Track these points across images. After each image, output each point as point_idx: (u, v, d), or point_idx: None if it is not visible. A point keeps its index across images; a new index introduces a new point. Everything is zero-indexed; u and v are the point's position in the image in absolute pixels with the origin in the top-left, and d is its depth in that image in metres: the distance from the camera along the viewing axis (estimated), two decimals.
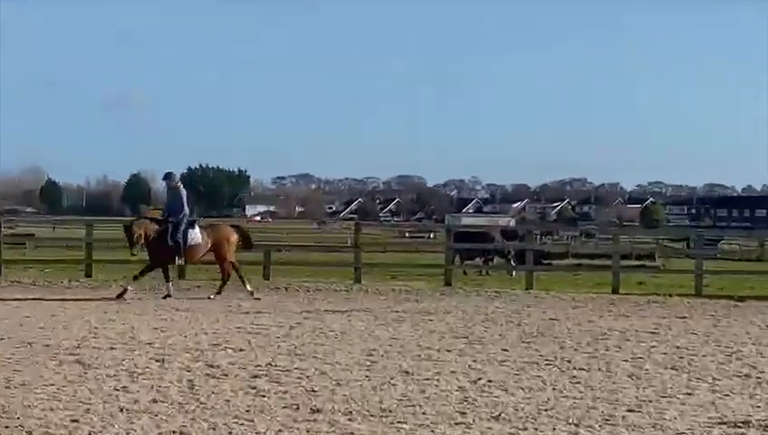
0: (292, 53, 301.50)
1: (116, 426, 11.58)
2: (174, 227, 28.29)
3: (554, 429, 12.00)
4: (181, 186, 29.50)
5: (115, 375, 15.10)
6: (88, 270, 34.67)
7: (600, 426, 12.25)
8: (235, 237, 30.43)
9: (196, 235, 28.92)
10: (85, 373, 15.25)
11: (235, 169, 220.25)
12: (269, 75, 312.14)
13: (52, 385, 14.14)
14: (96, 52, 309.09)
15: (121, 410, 12.49)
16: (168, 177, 29.93)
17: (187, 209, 28.95)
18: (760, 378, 16.29)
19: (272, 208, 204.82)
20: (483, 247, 44.82)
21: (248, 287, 29.14)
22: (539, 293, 32.63)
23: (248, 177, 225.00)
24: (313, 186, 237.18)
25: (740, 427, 12.41)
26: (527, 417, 12.64)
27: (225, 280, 29.51)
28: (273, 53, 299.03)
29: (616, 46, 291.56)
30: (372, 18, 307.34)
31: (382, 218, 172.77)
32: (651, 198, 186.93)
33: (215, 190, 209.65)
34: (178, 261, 29.39)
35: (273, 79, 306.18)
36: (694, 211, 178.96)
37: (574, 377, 15.87)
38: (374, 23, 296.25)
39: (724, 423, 12.60)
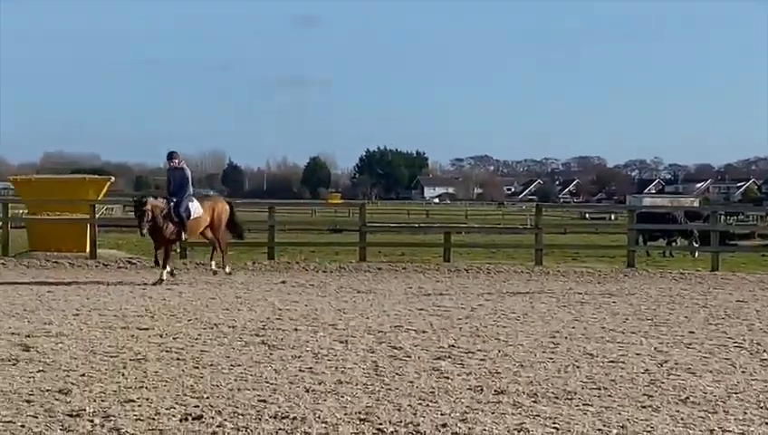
0: (466, 32, 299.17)
1: (302, 406, 11.68)
2: (176, 204, 27.32)
3: (745, 413, 11.80)
4: (185, 165, 28.36)
5: (300, 356, 15.25)
6: (270, 253, 35.03)
7: None
8: (228, 211, 30.03)
9: (196, 208, 28.11)
10: (270, 354, 15.43)
11: (414, 152, 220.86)
12: (443, 55, 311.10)
13: (239, 365, 14.33)
14: (275, 34, 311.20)
15: (307, 391, 12.61)
16: (171, 156, 28.14)
17: (191, 190, 28.11)
18: None
19: (450, 190, 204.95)
20: (666, 228, 44.32)
21: (213, 266, 29.62)
22: (725, 274, 32.20)
23: (426, 159, 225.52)
24: (492, 167, 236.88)
25: None
26: (716, 400, 12.46)
27: (224, 251, 29.75)
28: (448, 32, 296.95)
29: None
30: None
31: (561, 200, 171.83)
32: None
33: (393, 173, 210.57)
34: (184, 236, 28.08)
35: (449, 59, 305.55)
36: None
37: (765, 360, 15.63)
38: None
39: None
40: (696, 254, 38.69)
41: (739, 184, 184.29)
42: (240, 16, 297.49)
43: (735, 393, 12.90)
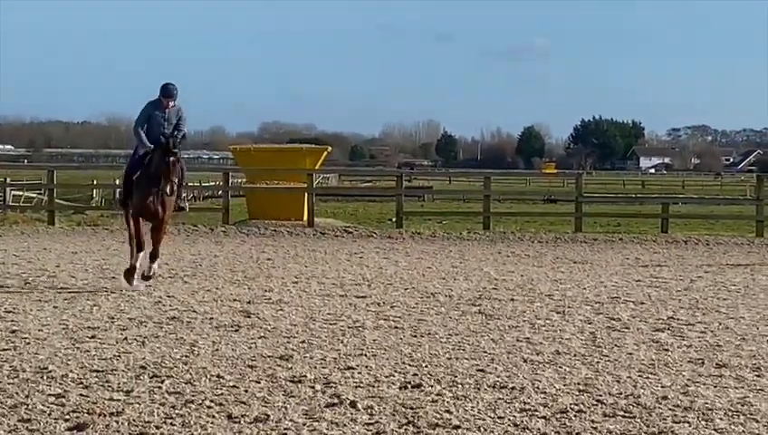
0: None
1: (520, 376, 11.67)
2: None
3: None
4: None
5: (517, 326, 15.26)
6: (486, 222, 35.03)
7: None
8: None
9: None
10: (487, 324, 15.48)
11: (629, 121, 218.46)
12: (659, 25, 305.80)
13: (457, 335, 14.40)
14: (493, 4, 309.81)
15: (525, 361, 12.61)
16: (170, 92, 19.22)
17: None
18: None
19: (666, 160, 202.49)
20: None
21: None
22: None
23: (642, 129, 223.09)
24: (709, 138, 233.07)
25: None
26: None
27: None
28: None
29: None
30: None
31: None
32: None
33: (608, 143, 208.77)
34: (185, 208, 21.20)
35: (665, 29, 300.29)
36: None
37: None
38: None
39: None
40: None
41: None
42: None
43: None
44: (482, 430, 9.44)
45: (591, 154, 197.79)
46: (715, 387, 11.36)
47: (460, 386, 11.19)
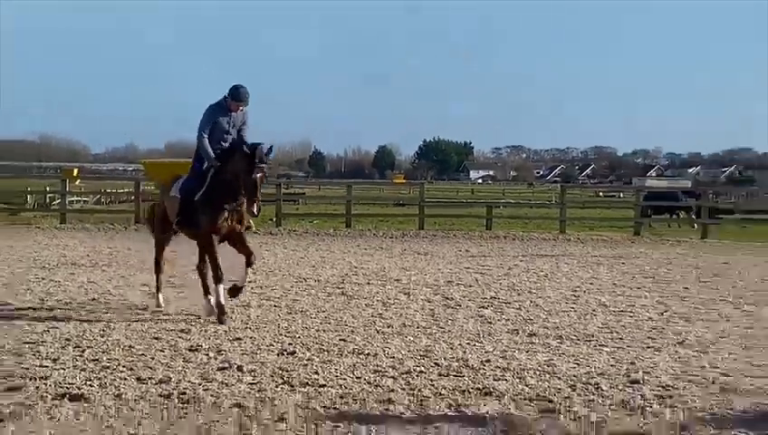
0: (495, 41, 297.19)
1: (374, 344, 11.69)
2: None
3: (729, 353, 11.72)
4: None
5: (372, 304, 15.25)
6: (348, 222, 35.04)
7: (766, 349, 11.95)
8: None
9: None
10: (349, 302, 15.46)
11: (462, 142, 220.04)
12: (491, 62, 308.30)
13: (324, 311, 14.36)
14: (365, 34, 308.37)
15: (378, 332, 12.63)
16: (243, 96, 13.60)
17: None
18: None
19: (491, 173, 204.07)
20: (672, 205, 44.37)
21: None
22: (713, 241, 31.96)
23: (472, 147, 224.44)
24: (524, 155, 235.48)
25: None
26: (707, 343, 12.39)
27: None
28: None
29: None
30: None
31: (580, 181, 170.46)
32: None
33: (445, 159, 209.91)
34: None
35: (492, 66, 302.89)
36: None
37: (745, 311, 15.50)
38: None
39: None
40: (696, 225, 38.23)
41: (724, 169, 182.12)
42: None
43: (722, 338, 12.81)
44: (343, 387, 9.45)
45: (432, 168, 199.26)
46: (527, 352, 11.48)
47: (326, 353, 11.19)
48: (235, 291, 13.57)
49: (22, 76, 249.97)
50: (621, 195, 75.80)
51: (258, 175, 12.77)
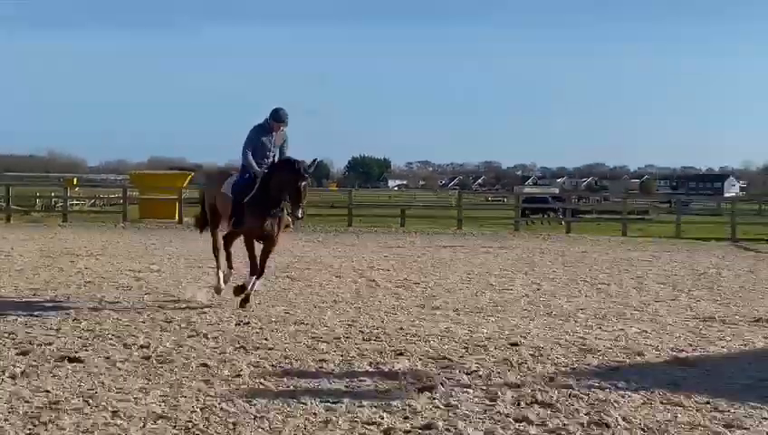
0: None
1: (312, 316, 11.69)
2: None
3: (587, 322, 11.90)
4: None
5: (310, 285, 15.24)
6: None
7: (615, 319, 12.13)
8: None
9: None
10: (292, 284, 15.42)
11: (382, 157, 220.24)
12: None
13: (273, 290, 14.27)
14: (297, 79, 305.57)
15: (315, 307, 12.62)
16: (282, 116, 12.51)
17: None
18: (720, 289, 16.01)
19: (404, 182, 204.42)
20: (544, 206, 45.01)
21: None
22: (574, 235, 32.32)
23: (390, 162, 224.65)
24: (431, 168, 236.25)
25: (707, 320, 12.20)
26: (569, 313, 12.56)
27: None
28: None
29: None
30: None
31: (474, 189, 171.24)
32: (647, 175, 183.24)
33: (369, 171, 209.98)
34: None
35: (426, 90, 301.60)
36: (675, 184, 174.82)
37: (599, 289, 15.72)
38: None
39: (697, 318, 12.40)
40: (563, 222, 38.65)
41: (583, 179, 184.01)
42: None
43: (581, 309, 12.99)
44: (287, 350, 9.44)
45: (359, 178, 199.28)
46: (431, 321, 11.55)
47: (274, 323, 11.17)
48: (239, 290, 12.43)
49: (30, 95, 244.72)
50: (505, 199, 76.32)
51: (302, 184, 11.83)
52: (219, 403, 7.22)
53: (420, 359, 9.16)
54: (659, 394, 7.75)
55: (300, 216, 12.09)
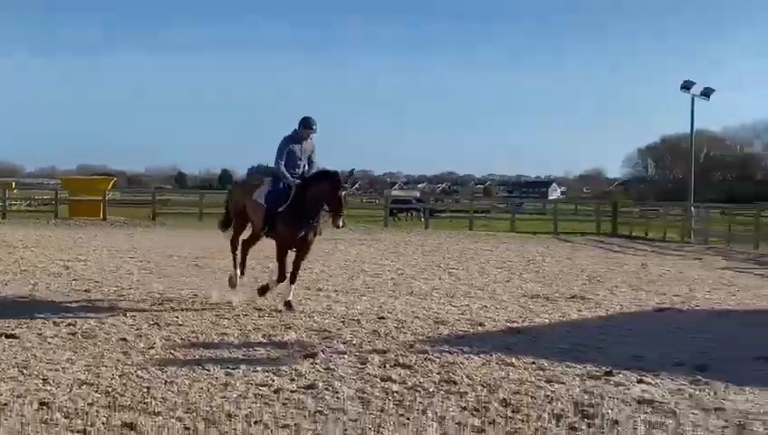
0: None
1: (215, 298, 11.49)
2: None
3: (440, 299, 12.05)
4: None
5: (214, 272, 14.97)
6: (200, 216, 34.28)
7: (462, 297, 12.32)
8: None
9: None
10: (200, 271, 15.14)
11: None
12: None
13: (183, 276, 14.05)
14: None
15: (219, 290, 12.43)
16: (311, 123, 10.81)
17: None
18: (544, 272, 16.46)
19: None
20: (408, 206, 45.37)
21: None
22: (432, 230, 32.76)
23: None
24: None
25: (534, 297, 12.52)
26: (426, 293, 12.70)
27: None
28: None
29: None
30: None
31: (352, 192, 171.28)
32: (489, 182, 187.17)
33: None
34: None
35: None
36: (510, 189, 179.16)
37: (450, 273, 15.96)
38: None
39: (526, 296, 12.71)
40: (422, 219, 39.04)
41: (439, 185, 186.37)
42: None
43: (435, 289, 13.16)
44: (194, 326, 9.27)
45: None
46: (315, 300, 11.45)
47: (183, 303, 10.96)
48: (263, 290, 11.01)
49: None
50: (377, 201, 76.74)
51: (343, 193, 10.17)
52: (135, 371, 7.04)
53: (305, 331, 9.11)
54: (496, 357, 7.92)
55: (341, 225, 10.35)
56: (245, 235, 12.00)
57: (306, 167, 10.79)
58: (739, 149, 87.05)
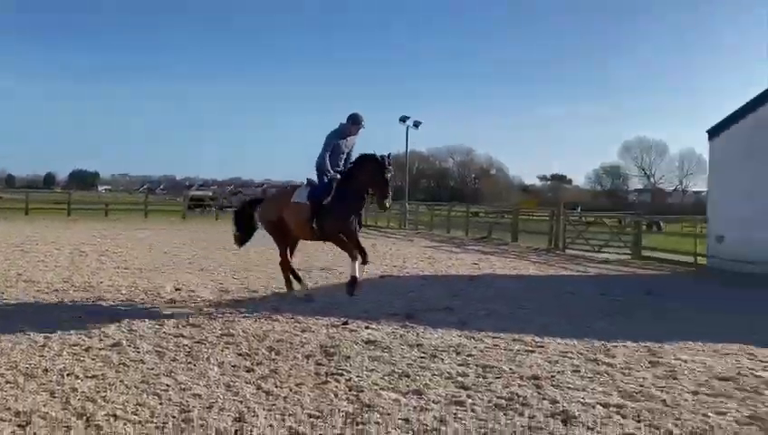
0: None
1: (37, 275, 10.31)
2: None
3: (224, 273, 11.64)
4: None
5: (38, 255, 13.49)
6: (26, 210, 30.58)
7: (243, 272, 11.98)
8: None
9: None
10: (25, 255, 13.54)
11: (94, 170, 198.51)
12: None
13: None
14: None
15: (40, 270, 11.23)
16: (360, 119, 8.46)
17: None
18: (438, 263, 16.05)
19: (109, 187, 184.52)
20: (203, 203, 43.73)
21: None
22: (222, 224, 31.81)
23: (99, 174, 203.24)
24: (128, 178, 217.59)
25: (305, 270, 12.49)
26: (214, 268, 12.20)
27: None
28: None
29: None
30: None
31: (157, 193, 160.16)
32: (265, 185, 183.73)
33: (84, 180, 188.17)
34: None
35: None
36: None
37: (236, 254, 15.41)
38: None
39: (301, 269, 12.65)
40: (214, 213, 37.54)
41: (227, 187, 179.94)
42: None
43: (221, 266, 12.70)
44: (19, 299, 8.30)
45: (77, 184, 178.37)
46: (123, 278, 10.71)
47: (8, 282, 9.76)
48: (352, 286, 8.31)
49: None
50: (179, 199, 73.14)
51: (389, 175, 7.92)
52: None
53: (113, 301, 8.50)
54: (264, 315, 7.88)
55: (388, 205, 7.97)
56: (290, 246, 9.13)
57: (343, 163, 8.55)
58: (438, 163, 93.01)
